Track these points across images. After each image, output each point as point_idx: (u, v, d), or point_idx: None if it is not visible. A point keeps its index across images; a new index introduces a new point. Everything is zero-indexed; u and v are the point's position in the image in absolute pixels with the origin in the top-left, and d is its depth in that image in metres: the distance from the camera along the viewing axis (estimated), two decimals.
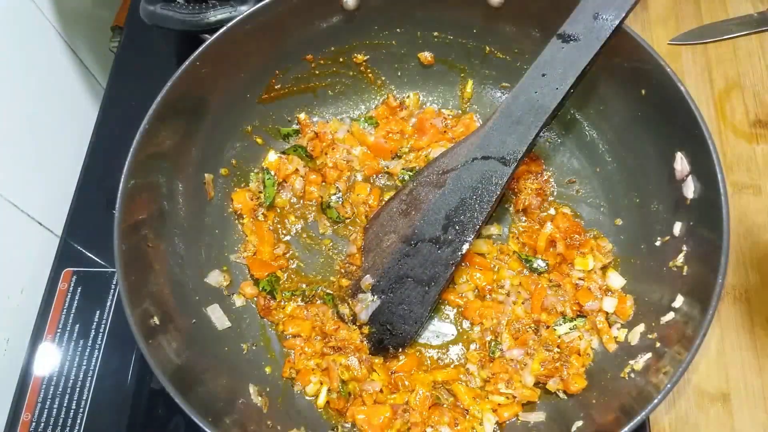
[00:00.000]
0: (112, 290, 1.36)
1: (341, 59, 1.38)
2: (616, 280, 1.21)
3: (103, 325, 1.33)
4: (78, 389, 1.27)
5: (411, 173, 1.37)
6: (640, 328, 1.14)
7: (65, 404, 1.26)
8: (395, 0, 1.27)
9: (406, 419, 1.16)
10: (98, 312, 1.34)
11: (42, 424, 1.24)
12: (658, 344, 1.08)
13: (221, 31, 1.17)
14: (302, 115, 1.41)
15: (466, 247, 1.15)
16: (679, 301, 1.07)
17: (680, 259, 1.09)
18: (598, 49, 1.06)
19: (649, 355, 1.08)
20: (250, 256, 1.31)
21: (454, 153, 1.19)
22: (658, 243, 1.15)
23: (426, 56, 1.39)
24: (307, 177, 1.38)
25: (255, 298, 1.29)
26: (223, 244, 1.32)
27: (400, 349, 1.23)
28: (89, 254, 1.39)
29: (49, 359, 1.30)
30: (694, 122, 1.05)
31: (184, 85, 1.15)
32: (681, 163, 1.11)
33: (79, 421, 1.25)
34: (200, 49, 1.15)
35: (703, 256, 1.04)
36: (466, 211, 1.15)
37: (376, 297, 1.23)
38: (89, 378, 1.28)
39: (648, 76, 1.12)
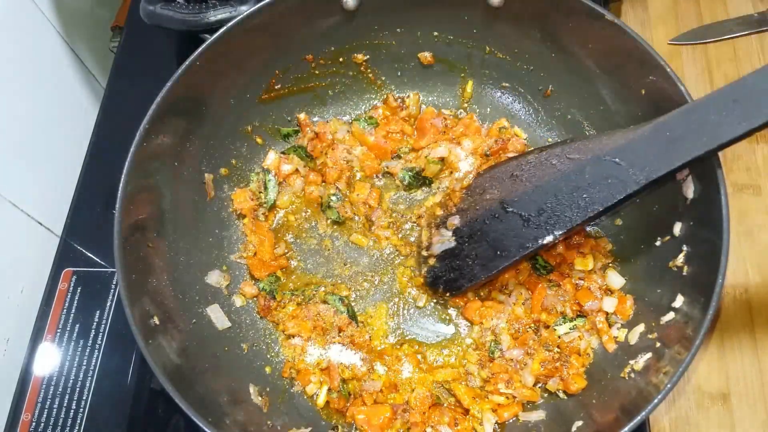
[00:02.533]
0: (112, 290, 1.36)
1: (341, 59, 1.38)
2: (616, 280, 1.21)
3: (103, 325, 1.33)
4: (78, 389, 1.27)
5: (411, 173, 1.36)
6: (640, 328, 1.14)
7: (65, 404, 1.26)
8: (395, 0, 1.28)
9: (406, 419, 1.16)
10: (98, 312, 1.34)
11: (42, 424, 1.24)
12: (658, 344, 1.08)
13: (221, 31, 1.17)
14: (302, 115, 1.41)
15: (548, 239, 1.10)
16: (679, 301, 1.07)
17: (680, 259, 1.09)
18: None
19: (649, 355, 1.08)
20: (250, 256, 1.31)
21: (587, 143, 1.08)
22: (658, 243, 1.15)
23: (426, 56, 1.39)
24: (307, 177, 1.38)
25: (255, 298, 1.30)
26: (223, 244, 1.32)
27: (447, 294, 1.25)
28: (89, 254, 1.39)
29: (49, 359, 1.30)
30: None
31: (184, 85, 1.15)
32: None
33: (79, 421, 1.25)
34: (200, 49, 1.15)
35: (703, 256, 1.04)
36: (567, 205, 1.07)
37: (454, 239, 1.22)
38: (89, 378, 1.28)
39: (648, 76, 1.12)
